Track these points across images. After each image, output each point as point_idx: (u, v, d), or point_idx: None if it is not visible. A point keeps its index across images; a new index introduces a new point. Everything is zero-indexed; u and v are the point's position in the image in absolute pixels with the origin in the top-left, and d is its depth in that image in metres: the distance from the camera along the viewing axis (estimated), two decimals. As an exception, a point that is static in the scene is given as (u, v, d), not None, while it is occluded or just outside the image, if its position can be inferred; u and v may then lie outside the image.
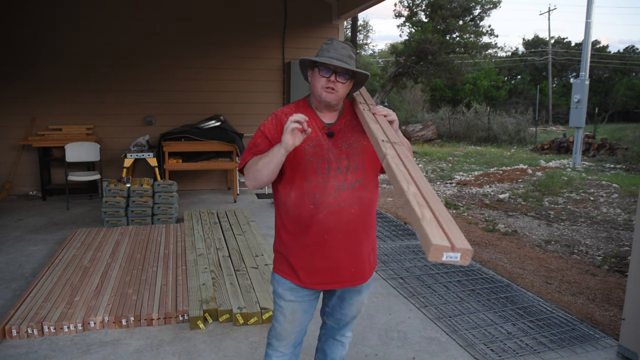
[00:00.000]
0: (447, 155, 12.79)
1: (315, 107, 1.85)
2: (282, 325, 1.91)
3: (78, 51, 6.56)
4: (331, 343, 2.12)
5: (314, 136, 1.78)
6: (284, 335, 1.93)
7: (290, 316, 1.88)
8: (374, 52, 31.05)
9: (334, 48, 1.77)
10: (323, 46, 1.80)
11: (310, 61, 1.78)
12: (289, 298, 1.86)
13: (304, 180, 1.75)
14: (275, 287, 1.89)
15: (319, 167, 1.74)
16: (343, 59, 1.75)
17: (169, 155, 6.21)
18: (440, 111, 22.45)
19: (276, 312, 1.92)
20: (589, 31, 11.35)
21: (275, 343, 1.96)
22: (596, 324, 3.20)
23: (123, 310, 3.01)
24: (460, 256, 1.20)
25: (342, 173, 1.75)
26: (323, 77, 1.75)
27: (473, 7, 17.17)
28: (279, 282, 1.87)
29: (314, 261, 1.78)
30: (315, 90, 1.78)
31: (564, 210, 6.52)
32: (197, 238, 4.48)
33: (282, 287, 1.86)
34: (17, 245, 4.53)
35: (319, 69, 1.76)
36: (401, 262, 4.22)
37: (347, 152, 1.78)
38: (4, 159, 6.58)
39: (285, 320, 1.89)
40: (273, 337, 1.97)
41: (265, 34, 7.17)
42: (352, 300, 1.95)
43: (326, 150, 1.77)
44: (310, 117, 1.77)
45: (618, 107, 30.20)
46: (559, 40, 34.74)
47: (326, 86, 1.75)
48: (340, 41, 1.81)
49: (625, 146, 12.81)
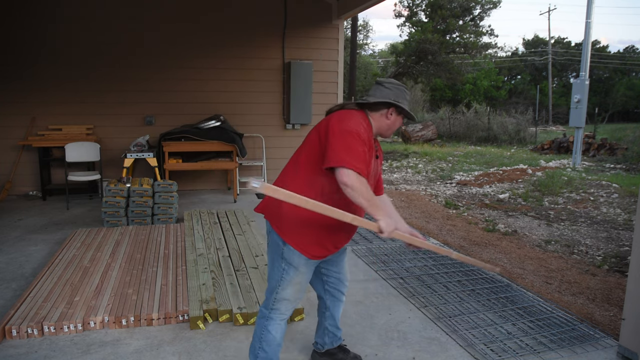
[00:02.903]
0: (447, 155, 12.79)
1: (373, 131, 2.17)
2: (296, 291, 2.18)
3: (78, 51, 6.56)
4: (337, 304, 2.47)
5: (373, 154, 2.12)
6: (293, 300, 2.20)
7: (302, 284, 2.18)
8: (374, 52, 31.06)
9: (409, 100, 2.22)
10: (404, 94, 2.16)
11: (402, 108, 2.14)
12: (303, 270, 2.12)
13: None
14: (294, 261, 2.10)
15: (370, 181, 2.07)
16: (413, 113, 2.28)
17: (169, 155, 6.21)
18: (440, 111, 22.45)
19: (288, 282, 2.14)
20: (589, 31, 11.35)
21: (283, 307, 2.19)
22: (596, 324, 3.20)
23: (123, 310, 3.01)
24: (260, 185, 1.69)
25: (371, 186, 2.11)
26: (400, 123, 2.21)
27: (473, 7, 17.18)
28: (299, 257, 2.10)
29: (339, 234, 2.14)
30: (391, 129, 2.19)
31: (564, 210, 6.52)
32: (197, 238, 4.48)
33: (299, 261, 2.10)
34: (17, 245, 4.53)
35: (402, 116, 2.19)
36: (401, 262, 4.22)
37: (375, 173, 2.21)
38: (4, 159, 6.58)
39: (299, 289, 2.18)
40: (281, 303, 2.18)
41: (265, 34, 7.17)
42: (343, 261, 2.43)
43: (374, 169, 2.16)
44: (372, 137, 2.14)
45: (618, 107, 30.22)
46: (559, 40, 34.77)
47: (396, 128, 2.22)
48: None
49: (625, 146, 12.81)
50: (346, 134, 1.95)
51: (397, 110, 2.14)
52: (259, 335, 2.22)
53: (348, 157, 1.90)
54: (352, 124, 1.98)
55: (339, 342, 2.55)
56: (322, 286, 2.43)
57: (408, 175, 9.77)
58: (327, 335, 2.50)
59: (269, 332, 2.19)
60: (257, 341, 2.22)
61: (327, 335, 2.50)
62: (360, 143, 1.95)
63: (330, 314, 2.46)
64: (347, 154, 1.91)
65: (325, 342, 2.52)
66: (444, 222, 5.93)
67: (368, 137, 2.02)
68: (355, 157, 1.92)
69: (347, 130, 1.95)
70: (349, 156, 1.90)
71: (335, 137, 1.95)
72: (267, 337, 2.19)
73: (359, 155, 1.93)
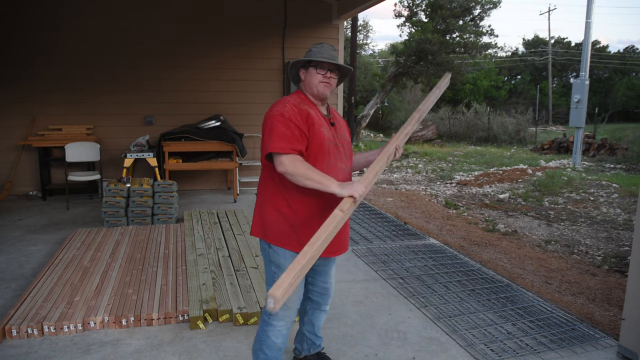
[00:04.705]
0: (447, 155, 12.79)
1: (312, 100, 2.14)
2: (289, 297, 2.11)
3: (78, 51, 6.56)
4: (318, 314, 2.42)
5: (324, 123, 2.08)
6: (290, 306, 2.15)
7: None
8: (374, 52, 31.01)
9: (325, 50, 2.11)
10: (314, 49, 2.12)
11: (305, 61, 2.11)
12: None
13: (323, 162, 2.03)
14: (279, 261, 2.10)
15: (331, 150, 2.07)
16: (334, 59, 2.09)
17: (169, 155, 6.21)
18: (440, 111, 22.43)
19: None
20: (589, 31, 11.35)
21: (281, 313, 2.15)
22: (596, 324, 3.20)
23: (123, 310, 3.01)
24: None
25: (342, 157, 2.12)
26: (319, 74, 2.08)
27: (473, 7, 17.15)
28: (284, 255, 2.08)
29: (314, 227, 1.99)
30: (313, 85, 2.09)
31: (564, 210, 6.52)
32: (197, 238, 4.48)
33: (284, 261, 2.07)
34: (17, 245, 4.53)
35: (315, 68, 2.09)
36: (401, 262, 4.22)
37: (341, 141, 2.15)
38: (4, 159, 6.58)
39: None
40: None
41: (265, 34, 7.17)
42: (331, 271, 2.34)
43: (332, 136, 2.10)
44: (314, 107, 2.11)
45: (618, 107, 30.20)
46: (559, 40, 34.74)
47: (323, 81, 2.08)
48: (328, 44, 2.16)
49: (625, 146, 12.81)
50: (268, 122, 2.00)
51: (303, 67, 2.13)
52: (260, 336, 2.21)
53: (272, 142, 1.93)
54: (274, 109, 2.01)
55: (317, 349, 2.51)
56: (305, 292, 2.37)
57: (408, 175, 9.77)
58: (305, 342, 2.47)
59: (268, 337, 2.18)
60: (258, 342, 2.22)
61: (305, 341, 2.47)
62: (283, 122, 1.94)
63: (309, 320, 2.43)
64: (271, 138, 1.94)
65: (303, 347, 2.49)
66: (444, 222, 5.93)
67: (299, 111, 1.99)
68: (280, 138, 1.92)
69: (269, 118, 2.01)
70: (272, 140, 1.93)
71: (263, 128, 2.03)
72: (267, 341, 2.19)
73: (283, 134, 1.92)
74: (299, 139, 1.95)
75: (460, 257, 4.40)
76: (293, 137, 1.93)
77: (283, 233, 2.07)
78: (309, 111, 2.03)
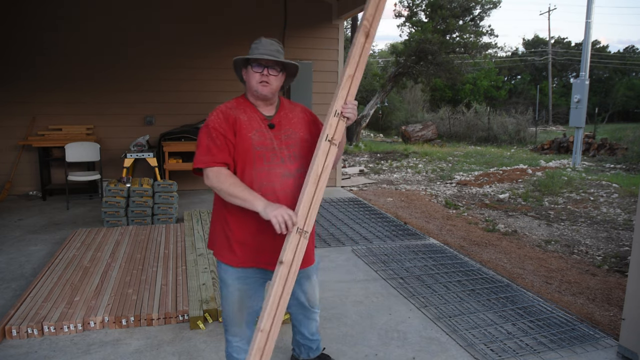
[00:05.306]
0: (447, 155, 12.79)
1: (253, 102, 2.01)
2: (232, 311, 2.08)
3: (78, 51, 6.56)
4: (306, 322, 2.33)
5: (257, 127, 1.95)
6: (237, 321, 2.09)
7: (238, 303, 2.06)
8: (374, 52, 31.02)
9: (262, 45, 1.95)
10: (252, 46, 1.97)
11: (244, 60, 1.97)
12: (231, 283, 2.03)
13: (252, 169, 1.92)
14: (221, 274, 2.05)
15: (264, 155, 1.92)
16: (272, 54, 1.93)
17: (169, 155, 6.22)
18: (440, 111, 22.45)
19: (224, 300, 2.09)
20: (589, 31, 11.35)
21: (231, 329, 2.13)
22: (596, 324, 3.20)
23: (123, 310, 3.01)
24: None
25: (284, 162, 1.95)
26: (257, 73, 1.94)
27: (473, 7, 17.16)
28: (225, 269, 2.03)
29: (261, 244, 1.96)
30: (251, 86, 1.96)
31: (564, 210, 6.52)
32: (197, 238, 4.48)
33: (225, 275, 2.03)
34: (17, 245, 4.53)
35: (252, 66, 1.95)
36: (401, 262, 4.22)
37: (286, 143, 1.97)
38: (4, 159, 6.57)
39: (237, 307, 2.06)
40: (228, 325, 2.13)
41: (265, 34, 7.14)
42: (305, 285, 2.19)
43: (269, 140, 1.95)
44: (250, 111, 1.98)
45: (618, 107, 30.20)
46: (559, 40, 34.75)
47: (260, 80, 1.94)
48: (268, 39, 1.99)
49: (625, 146, 12.80)
50: (198, 139, 1.98)
51: (242, 66, 2.02)
52: (225, 352, 2.22)
53: (196, 156, 1.93)
54: (205, 124, 1.98)
55: (316, 353, 2.44)
56: (291, 301, 2.25)
57: (408, 175, 9.77)
58: (302, 346, 2.43)
59: (230, 354, 2.17)
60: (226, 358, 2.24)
61: (301, 346, 2.43)
62: (207, 133, 1.92)
63: (298, 330, 2.38)
64: (196, 152, 1.94)
65: (301, 351, 2.44)
66: (444, 222, 5.93)
67: (225, 118, 1.92)
68: (203, 152, 1.91)
69: (199, 135, 1.98)
70: (197, 154, 1.93)
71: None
72: (230, 357, 2.18)
73: (206, 147, 1.90)
74: (222, 149, 1.89)
75: (460, 257, 4.40)
76: (216, 148, 1.89)
77: (224, 247, 2.02)
78: (238, 116, 1.94)
